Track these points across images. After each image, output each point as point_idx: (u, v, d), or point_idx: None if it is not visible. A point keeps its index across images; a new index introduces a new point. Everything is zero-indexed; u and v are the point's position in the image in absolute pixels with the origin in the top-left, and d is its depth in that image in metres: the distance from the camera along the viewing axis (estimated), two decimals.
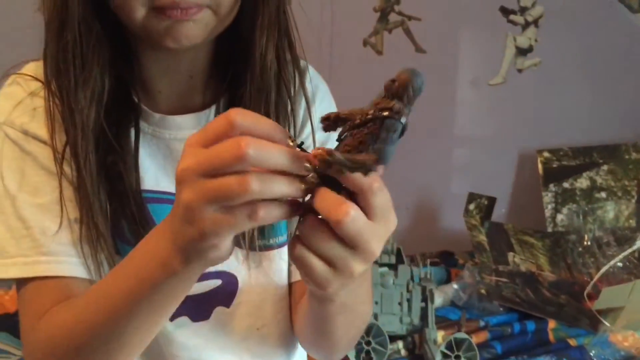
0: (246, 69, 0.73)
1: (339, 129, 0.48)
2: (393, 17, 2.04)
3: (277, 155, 0.45)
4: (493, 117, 2.14)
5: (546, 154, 2.06)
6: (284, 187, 0.46)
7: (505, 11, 2.05)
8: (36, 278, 0.68)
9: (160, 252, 0.53)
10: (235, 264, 0.78)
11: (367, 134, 0.46)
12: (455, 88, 2.11)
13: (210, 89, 0.78)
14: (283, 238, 0.81)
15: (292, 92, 0.76)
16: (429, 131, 2.10)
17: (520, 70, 2.10)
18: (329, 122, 0.48)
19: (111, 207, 0.70)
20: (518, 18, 2.06)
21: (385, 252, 1.52)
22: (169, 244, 0.52)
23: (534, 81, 2.11)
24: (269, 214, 0.46)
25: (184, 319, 0.78)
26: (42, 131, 0.70)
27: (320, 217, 0.48)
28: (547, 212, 2.02)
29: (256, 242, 0.76)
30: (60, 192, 0.69)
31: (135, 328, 0.60)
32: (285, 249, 0.82)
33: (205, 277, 0.76)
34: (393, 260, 1.53)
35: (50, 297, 0.67)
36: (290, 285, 0.84)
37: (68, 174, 0.69)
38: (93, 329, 0.61)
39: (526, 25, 2.07)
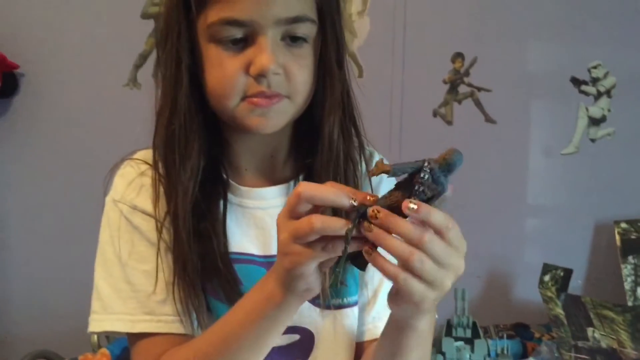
0: (317, 145, 0.84)
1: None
2: (463, 89, 2.08)
3: (335, 222, 0.61)
4: (567, 187, 2.11)
5: (624, 225, 2.01)
6: (338, 225, 0.60)
7: (577, 82, 2.06)
8: (145, 334, 0.80)
9: (266, 288, 0.68)
10: (311, 320, 0.86)
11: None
12: (527, 157, 2.11)
13: (289, 164, 0.89)
14: (355, 298, 0.89)
15: (358, 170, 0.87)
16: (501, 200, 2.10)
17: (593, 140, 2.08)
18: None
19: (202, 267, 0.80)
20: (590, 89, 2.06)
21: (460, 325, 1.50)
22: (273, 280, 0.67)
23: (608, 151, 2.08)
24: (336, 247, 0.61)
25: None
26: (146, 204, 0.83)
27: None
28: (627, 285, 1.95)
29: (331, 300, 0.85)
30: (158, 255, 0.81)
31: (244, 355, 0.72)
32: (356, 308, 0.89)
33: (285, 331, 0.83)
34: (469, 334, 1.51)
35: (159, 348, 0.79)
36: (358, 344, 0.90)
37: (166, 240, 0.81)
38: (210, 358, 0.73)
39: (598, 95, 2.06)
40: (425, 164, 0.57)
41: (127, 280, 0.81)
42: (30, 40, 2.15)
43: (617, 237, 2.00)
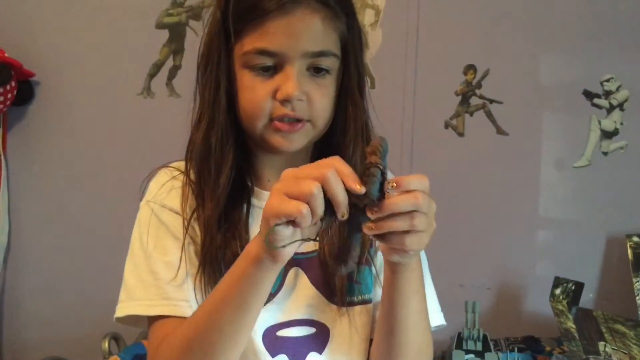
0: None
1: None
2: (474, 100, 2.09)
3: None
4: (579, 200, 2.11)
5: (636, 239, 1.99)
6: (320, 205, 0.67)
7: (589, 95, 2.05)
8: (160, 317, 0.88)
9: (250, 248, 0.75)
10: (328, 316, 0.94)
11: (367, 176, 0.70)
12: (539, 170, 2.10)
13: None
14: (370, 295, 0.96)
15: None
16: (512, 212, 2.09)
17: (606, 153, 2.07)
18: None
19: (226, 261, 0.88)
20: (602, 102, 2.05)
21: (471, 338, 1.50)
22: (256, 238, 0.74)
23: (620, 164, 2.07)
24: (307, 216, 0.67)
25: (283, 357, 0.92)
26: (174, 203, 0.93)
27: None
28: (639, 300, 1.93)
29: (346, 297, 0.93)
30: (182, 249, 0.90)
31: (228, 318, 0.78)
32: (370, 306, 0.95)
33: (302, 323, 0.93)
34: (479, 347, 1.50)
35: (171, 328, 0.87)
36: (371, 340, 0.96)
37: (190, 236, 0.91)
38: (198, 325, 0.80)
39: (611, 108, 2.05)
40: (381, 167, 0.68)
41: (150, 270, 0.90)
42: (46, 49, 2.17)
43: (629, 250, 1.99)
